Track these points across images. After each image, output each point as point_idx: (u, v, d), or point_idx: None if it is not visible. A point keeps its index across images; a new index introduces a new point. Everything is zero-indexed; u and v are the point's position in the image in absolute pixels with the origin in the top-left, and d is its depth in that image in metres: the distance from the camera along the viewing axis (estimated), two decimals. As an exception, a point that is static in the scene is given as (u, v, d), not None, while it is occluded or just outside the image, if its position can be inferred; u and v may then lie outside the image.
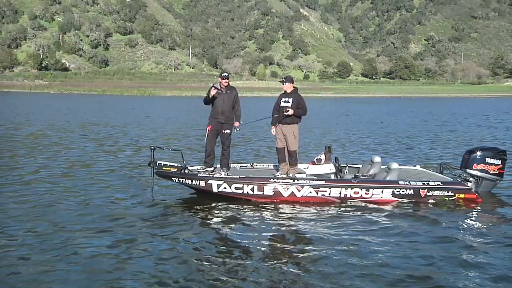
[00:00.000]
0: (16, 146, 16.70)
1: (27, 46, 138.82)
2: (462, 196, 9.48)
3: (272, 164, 10.97)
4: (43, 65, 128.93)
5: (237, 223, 8.12)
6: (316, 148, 16.05)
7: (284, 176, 9.62)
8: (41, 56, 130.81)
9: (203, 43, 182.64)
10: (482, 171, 9.86)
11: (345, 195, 9.32)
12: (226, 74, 10.06)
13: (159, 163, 9.57)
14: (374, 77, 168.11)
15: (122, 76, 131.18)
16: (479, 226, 8.24)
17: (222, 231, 7.66)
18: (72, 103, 49.92)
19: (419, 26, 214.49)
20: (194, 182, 9.44)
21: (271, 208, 9.01)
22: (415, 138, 21.22)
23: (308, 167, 10.23)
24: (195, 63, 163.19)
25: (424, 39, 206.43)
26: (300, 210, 8.90)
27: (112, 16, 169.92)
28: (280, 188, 9.30)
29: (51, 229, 7.52)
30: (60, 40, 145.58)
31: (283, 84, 9.95)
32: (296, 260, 6.45)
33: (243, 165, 11.00)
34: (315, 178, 9.62)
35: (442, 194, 9.46)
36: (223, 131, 9.88)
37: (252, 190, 9.28)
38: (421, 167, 10.92)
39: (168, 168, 9.53)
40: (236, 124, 10.04)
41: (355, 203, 9.28)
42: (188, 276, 5.88)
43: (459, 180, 9.92)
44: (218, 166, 10.04)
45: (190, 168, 9.78)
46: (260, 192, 9.30)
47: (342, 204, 9.25)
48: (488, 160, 9.85)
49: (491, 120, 33.42)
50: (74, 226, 7.66)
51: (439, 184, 9.49)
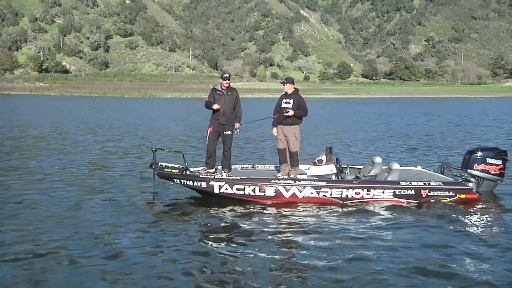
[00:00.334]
0: (22, 148, 16.73)
1: (28, 49, 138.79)
2: (463, 196, 9.51)
3: (274, 165, 10.99)
4: (43, 67, 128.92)
5: (238, 224, 8.13)
6: (318, 148, 16.07)
7: (285, 177, 9.64)
8: (41, 59, 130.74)
9: (203, 45, 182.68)
10: (483, 171, 9.87)
11: (346, 195, 9.34)
12: (227, 75, 10.09)
13: (160, 165, 9.57)
14: (374, 78, 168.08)
15: (123, 78, 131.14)
16: (480, 226, 8.27)
17: (223, 232, 7.69)
18: (73, 105, 49.93)
19: (419, 27, 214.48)
20: (195, 184, 9.45)
21: (273, 209, 9.03)
22: (416, 139, 21.23)
23: (309, 168, 10.23)
24: (195, 65, 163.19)
25: (424, 40, 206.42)
26: (301, 211, 8.93)
27: (112, 18, 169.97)
28: (282, 189, 9.31)
29: (41, 232, 7.52)
30: (61, 42, 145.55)
31: (284, 85, 9.97)
32: (297, 261, 6.47)
33: (245, 166, 11.00)
34: (317, 179, 9.65)
35: (443, 195, 9.48)
36: (224, 132, 9.90)
37: (254, 191, 9.29)
38: (422, 167, 10.94)
39: (170, 170, 9.54)
40: (237, 125, 10.06)
41: (356, 203, 9.30)
42: (189, 277, 5.91)
43: (460, 180, 9.94)
44: (220, 167, 10.07)
45: (191, 169, 9.79)
46: (262, 193, 9.31)
47: (344, 204, 9.28)
48: (489, 160, 9.86)
49: (494, 120, 33.38)
50: (74, 227, 7.68)
51: (440, 185, 9.51)
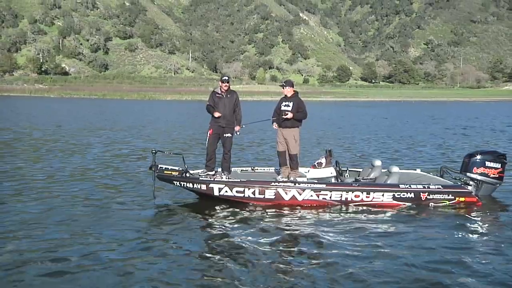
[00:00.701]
0: (26, 150, 16.74)
1: (27, 50, 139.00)
2: (462, 199, 9.52)
3: (273, 168, 11.00)
4: (43, 69, 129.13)
5: (238, 226, 8.14)
6: (317, 151, 16.08)
7: (285, 179, 9.66)
8: (41, 60, 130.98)
9: (202, 47, 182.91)
10: (482, 174, 9.90)
11: (346, 198, 9.35)
12: (227, 78, 10.11)
13: (160, 167, 9.57)
14: (373, 81, 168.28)
15: (122, 80, 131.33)
16: (479, 230, 8.28)
17: (223, 235, 7.69)
18: (73, 107, 49.93)
19: (418, 30, 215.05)
20: (195, 186, 9.46)
21: (272, 211, 9.03)
22: (415, 141, 21.24)
23: (309, 171, 10.26)
24: (194, 67, 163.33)
25: (423, 43, 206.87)
26: (301, 214, 8.93)
27: (112, 20, 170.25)
28: (281, 191, 9.33)
29: (48, 232, 7.55)
30: (60, 44, 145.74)
31: (283, 88, 9.98)
32: (296, 264, 6.48)
33: (244, 168, 11.01)
34: (316, 181, 9.66)
35: (443, 198, 9.49)
36: (224, 135, 9.92)
37: (253, 193, 9.30)
38: (421, 170, 10.95)
39: (170, 172, 9.54)
40: (237, 128, 10.09)
41: (355, 206, 9.31)
42: (189, 279, 5.92)
43: (459, 183, 9.96)
44: (219, 169, 10.08)
45: (191, 171, 9.80)
46: (261, 196, 9.32)
47: (343, 207, 9.28)
48: (488, 163, 9.88)
49: (495, 124, 33.42)
50: (74, 229, 7.68)
51: (440, 188, 9.52)
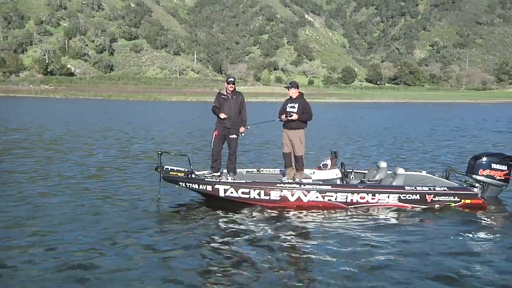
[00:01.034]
0: (30, 150, 16.82)
1: (33, 51, 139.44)
2: (468, 201, 9.50)
3: (279, 169, 11.01)
4: (48, 70, 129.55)
5: (243, 228, 8.16)
6: (323, 152, 16.07)
7: (290, 181, 9.66)
8: (46, 61, 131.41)
9: (207, 49, 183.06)
10: (488, 176, 9.88)
11: (351, 200, 9.35)
12: (232, 79, 10.14)
13: (166, 168, 9.62)
14: (378, 82, 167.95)
15: (127, 81, 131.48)
16: (485, 232, 8.27)
17: (228, 236, 7.70)
18: (79, 108, 50.11)
19: (423, 32, 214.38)
20: (201, 187, 9.50)
21: (278, 213, 9.05)
22: (421, 143, 21.20)
23: (314, 172, 10.27)
24: (199, 69, 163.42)
25: (429, 45, 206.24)
26: (306, 215, 8.94)
27: (117, 22, 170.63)
28: (287, 193, 9.34)
29: (55, 230, 7.60)
30: (66, 45, 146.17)
31: (289, 90, 9.98)
32: (302, 265, 6.50)
33: (250, 170, 11.02)
34: (322, 183, 9.66)
35: (448, 200, 9.48)
36: (230, 136, 9.95)
37: (259, 195, 9.33)
38: (427, 172, 10.92)
39: (175, 173, 9.59)
40: (242, 129, 10.10)
41: (361, 208, 9.31)
42: (193, 280, 5.94)
43: (465, 185, 9.94)
44: (225, 171, 10.10)
45: (196, 172, 9.84)
46: (267, 197, 9.34)
47: (349, 209, 9.29)
48: (494, 165, 9.87)
49: (501, 126, 33.27)
50: (78, 231, 7.73)
51: (445, 190, 9.51)
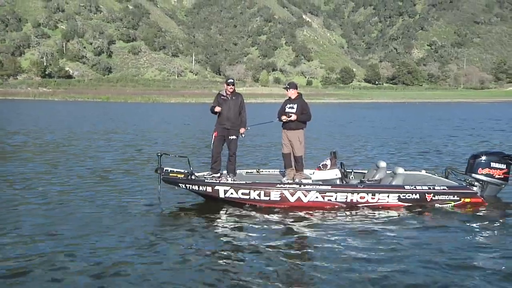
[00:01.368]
0: (32, 153, 16.83)
1: (31, 54, 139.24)
2: (467, 200, 9.55)
3: (278, 170, 11.03)
4: (46, 72, 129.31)
5: (243, 228, 8.18)
6: (322, 152, 16.09)
7: (290, 181, 9.68)
8: (44, 64, 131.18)
9: (206, 50, 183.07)
10: (487, 175, 9.90)
11: (351, 200, 9.37)
12: (232, 81, 10.16)
13: (166, 169, 9.63)
14: (377, 82, 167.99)
15: (126, 83, 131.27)
16: (484, 230, 8.28)
17: (228, 237, 7.72)
18: (79, 110, 50.08)
19: (421, 31, 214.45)
20: (200, 188, 9.51)
21: (278, 213, 9.06)
22: (420, 142, 21.22)
23: (314, 173, 10.28)
24: (198, 70, 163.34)
25: (427, 45, 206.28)
26: (306, 215, 8.95)
27: (115, 24, 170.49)
28: (287, 193, 9.35)
29: (52, 235, 7.61)
30: (64, 48, 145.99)
31: (287, 91, 9.99)
32: (302, 265, 6.50)
33: (249, 171, 11.04)
34: (321, 183, 9.68)
35: (448, 199, 9.51)
36: (229, 137, 9.96)
37: (259, 195, 9.34)
38: (426, 171, 10.95)
39: (175, 174, 9.60)
40: (242, 130, 10.11)
41: (361, 208, 9.33)
42: (193, 281, 5.95)
43: (464, 184, 9.97)
44: (225, 172, 10.11)
45: (196, 174, 9.84)
46: (267, 198, 9.36)
47: (348, 209, 9.30)
48: (493, 164, 9.89)
49: (501, 125, 33.32)
50: (79, 232, 7.73)
51: (445, 189, 9.54)
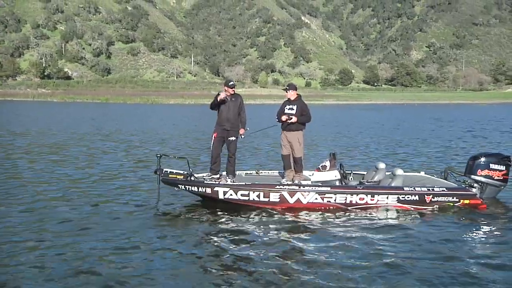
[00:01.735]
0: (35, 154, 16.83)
1: (30, 55, 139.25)
2: (466, 201, 9.55)
3: (277, 171, 11.03)
4: (45, 73, 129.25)
5: (243, 230, 8.16)
6: (322, 154, 16.11)
7: (289, 182, 9.68)
8: (43, 65, 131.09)
9: (205, 51, 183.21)
10: (486, 177, 9.91)
11: (350, 201, 9.37)
12: (233, 83, 10.19)
13: (165, 171, 9.63)
14: (375, 84, 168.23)
15: (125, 84, 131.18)
16: (483, 232, 8.30)
17: (227, 238, 7.70)
18: (82, 112, 50.07)
19: (420, 33, 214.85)
20: (200, 189, 9.50)
21: (277, 214, 9.06)
22: (419, 144, 21.23)
23: (313, 174, 10.28)
24: (197, 71, 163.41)
25: (426, 46, 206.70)
26: (305, 217, 8.95)
27: (114, 25, 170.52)
28: (286, 194, 9.35)
29: (51, 236, 7.61)
30: (63, 49, 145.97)
31: (287, 92, 9.99)
32: (300, 266, 6.49)
33: (249, 172, 11.05)
34: (321, 184, 9.68)
35: (447, 200, 9.51)
36: (229, 138, 9.95)
37: (258, 196, 9.34)
38: (425, 173, 10.97)
39: (174, 175, 9.60)
40: (241, 131, 10.11)
41: (360, 209, 9.33)
42: (192, 282, 5.95)
43: (463, 186, 9.98)
44: (224, 173, 10.11)
45: (196, 175, 9.84)
46: (266, 199, 9.35)
47: (348, 210, 9.31)
48: (492, 166, 9.90)
49: (499, 126, 33.36)
50: (79, 232, 7.74)
51: (444, 190, 9.54)
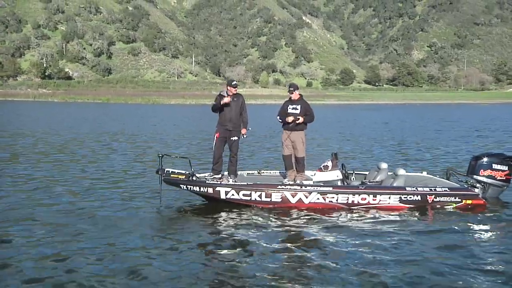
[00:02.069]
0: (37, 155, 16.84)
1: (31, 55, 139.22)
2: (469, 202, 9.52)
3: (279, 171, 11.02)
4: (46, 74, 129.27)
5: (244, 230, 8.15)
6: (324, 154, 16.09)
7: (291, 182, 9.67)
8: (44, 65, 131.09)
9: (205, 51, 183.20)
10: (488, 177, 9.89)
11: (352, 201, 9.36)
12: (236, 83, 10.22)
13: (167, 171, 9.62)
14: (377, 84, 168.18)
15: (125, 85, 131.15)
16: (486, 232, 8.27)
17: (229, 238, 7.69)
18: (83, 112, 50.10)
19: (421, 33, 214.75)
20: (202, 189, 9.49)
21: (279, 214, 9.03)
22: (422, 144, 21.23)
23: (315, 174, 10.26)
24: (198, 71, 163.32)
25: (427, 46, 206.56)
26: (307, 217, 8.93)
27: (115, 25, 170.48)
28: (288, 194, 9.34)
29: (51, 235, 7.60)
30: (63, 49, 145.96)
31: (293, 93, 9.94)
32: (303, 267, 6.48)
33: (251, 172, 11.03)
34: (323, 184, 9.66)
35: (449, 200, 9.49)
36: (231, 138, 9.95)
37: (260, 196, 9.33)
38: (427, 173, 10.94)
39: (176, 175, 9.58)
40: (243, 131, 10.11)
41: (362, 209, 9.32)
42: (194, 282, 5.94)
43: (466, 186, 9.95)
44: (226, 173, 10.10)
45: (198, 175, 9.83)
46: (268, 199, 9.34)
47: (350, 210, 9.29)
48: (494, 166, 9.88)
49: (501, 126, 33.35)
50: (80, 233, 7.73)
51: (446, 190, 9.52)
